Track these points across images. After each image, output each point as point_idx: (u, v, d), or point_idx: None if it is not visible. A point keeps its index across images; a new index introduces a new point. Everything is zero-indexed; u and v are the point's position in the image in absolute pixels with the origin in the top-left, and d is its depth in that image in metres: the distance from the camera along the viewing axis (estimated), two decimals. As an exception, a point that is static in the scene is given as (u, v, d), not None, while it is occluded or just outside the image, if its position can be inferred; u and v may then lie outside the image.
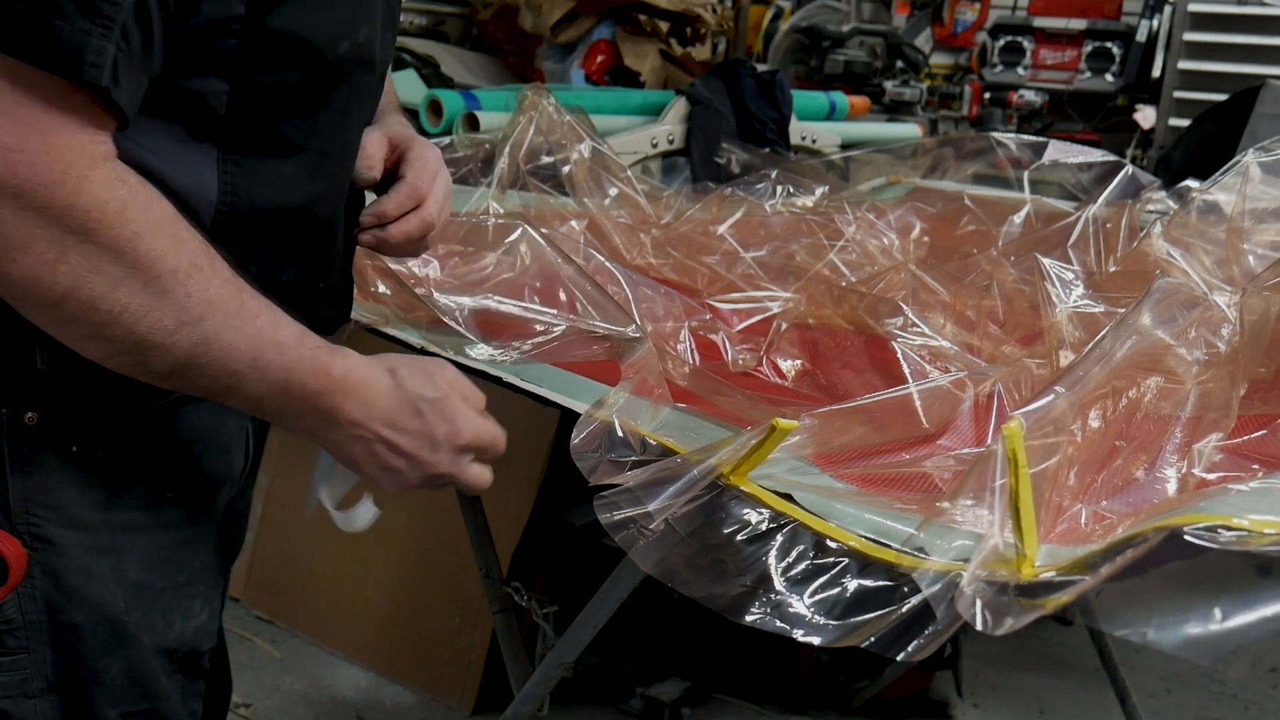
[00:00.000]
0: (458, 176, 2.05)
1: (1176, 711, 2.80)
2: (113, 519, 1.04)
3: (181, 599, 1.10)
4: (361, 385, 1.00)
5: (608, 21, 3.39)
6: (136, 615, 1.06)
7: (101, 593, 1.04)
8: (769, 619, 0.90)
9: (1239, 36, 5.12)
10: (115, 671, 1.06)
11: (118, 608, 1.05)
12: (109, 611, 1.05)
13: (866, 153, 2.64)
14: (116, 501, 1.04)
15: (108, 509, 1.04)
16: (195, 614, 1.12)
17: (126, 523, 1.05)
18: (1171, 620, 0.80)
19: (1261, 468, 1.11)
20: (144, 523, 1.07)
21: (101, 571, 1.04)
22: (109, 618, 1.05)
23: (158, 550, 1.08)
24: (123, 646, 1.06)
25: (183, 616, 1.10)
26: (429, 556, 2.69)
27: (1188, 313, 1.18)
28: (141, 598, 1.07)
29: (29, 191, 0.85)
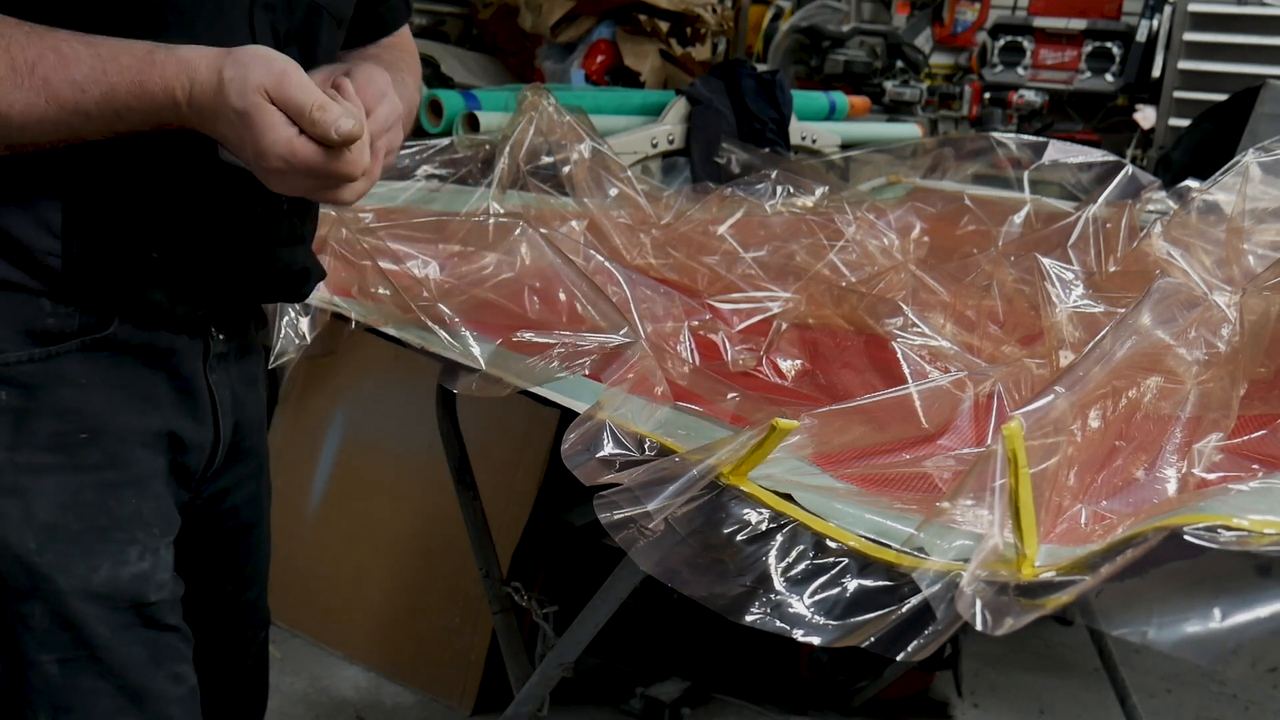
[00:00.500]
0: (458, 177, 2.05)
1: (1176, 711, 2.80)
2: (18, 459, 1.04)
3: (108, 543, 1.08)
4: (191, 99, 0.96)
5: (608, 21, 3.39)
6: (49, 557, 1.05)
7: (9, 535, 1.03)
8: (769, 619, 0.90)
9: (1239, 36, 5.12)
10: (39, 615, 1.05)
11: (28, 548, 1.04)
12: (19, 553, 1.04)
13: (866, 153, 2.64)
14: (21, 442, 1.03)
15: (12, 449, 1.03)
16: (130, 561, 1.09)
17: (34, 464, 1.04)
18: (1171, 620, 0.80)
19: (1261, 468, 1.11)
20: (54, 463, 1.05)
21: (9, 513, 1.03)
22: (20, 559, 1.04)
23: (71, 492, 1.06)
24: (40, 589, 1.05)
25: (112, 562, 1.08)
26: (429, 556, 2.69)
27: (1188, 313, 1.18)
28: (54, 539, 1.05)
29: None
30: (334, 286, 1.49)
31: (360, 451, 2.84)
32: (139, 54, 0.95)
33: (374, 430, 2.83)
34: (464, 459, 1.89)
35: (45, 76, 0.93)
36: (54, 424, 1.05)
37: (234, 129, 0.97)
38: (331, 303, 1.47)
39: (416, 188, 1.99)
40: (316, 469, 2.88)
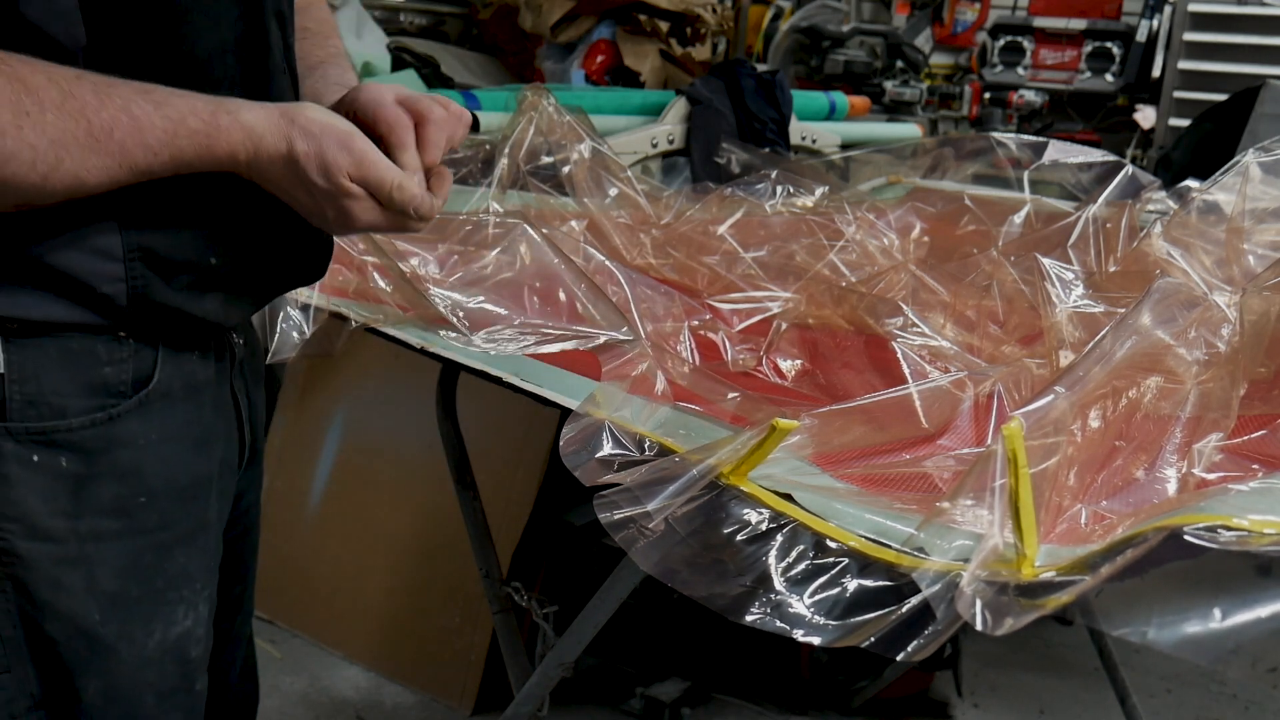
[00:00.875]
0: (458, 177, 2.05)
1: (1176, 711, 2.80)
2: (81, 528, 1.00)
3: (162, 606, 1.06)
4: (253, 163, 0.98)
5: (608, 21, 3.39)
6: (113, 627, 1.02)
7: (74, 606, 1.00)
8: (769, 619, 0.90)
9: (1239, 36, 5.12)
10: (93, 690, 1.02)
11: (92, 620, 1.01)
12: (83, 625, 1.01)
13: (866, 153, 2.64)
14: (84, 509, 1.00)
15: (75, 518, 1.00)
16: (178, 620, 1.07)
17: (97, 531, 1.01)
18: (1171, 620, 0.80)
19: (1261, 468, 1.11)
20: (116, 529, 1.02)
21: (73, 584, 1.00)
22: (84, 631, 1.01)
23: (132, 557, 1.03)
24: (100, 660, 1.02)
25: (164, 624, 1.06)
26: (429, 556, 2.69)
27: (1188, 313, 1.18)
28: (117, 608, 1.02)
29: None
30: (332, 288, 1.49)
31: (360, 451, 2.84)
32: (205, 117, 0.95)
33: (374, 430, 2.83)
34: (464, 459, 1.89)
35: (122, 142, 0.91)
36: (115, 488, 1.02)
37: (311, 197, 1.00)
38: (330, 303, 1.47)
39: (416, 188, 1.98)
40: (316, 469, 2.88)
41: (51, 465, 0.98)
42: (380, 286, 1.48)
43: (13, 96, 0.86)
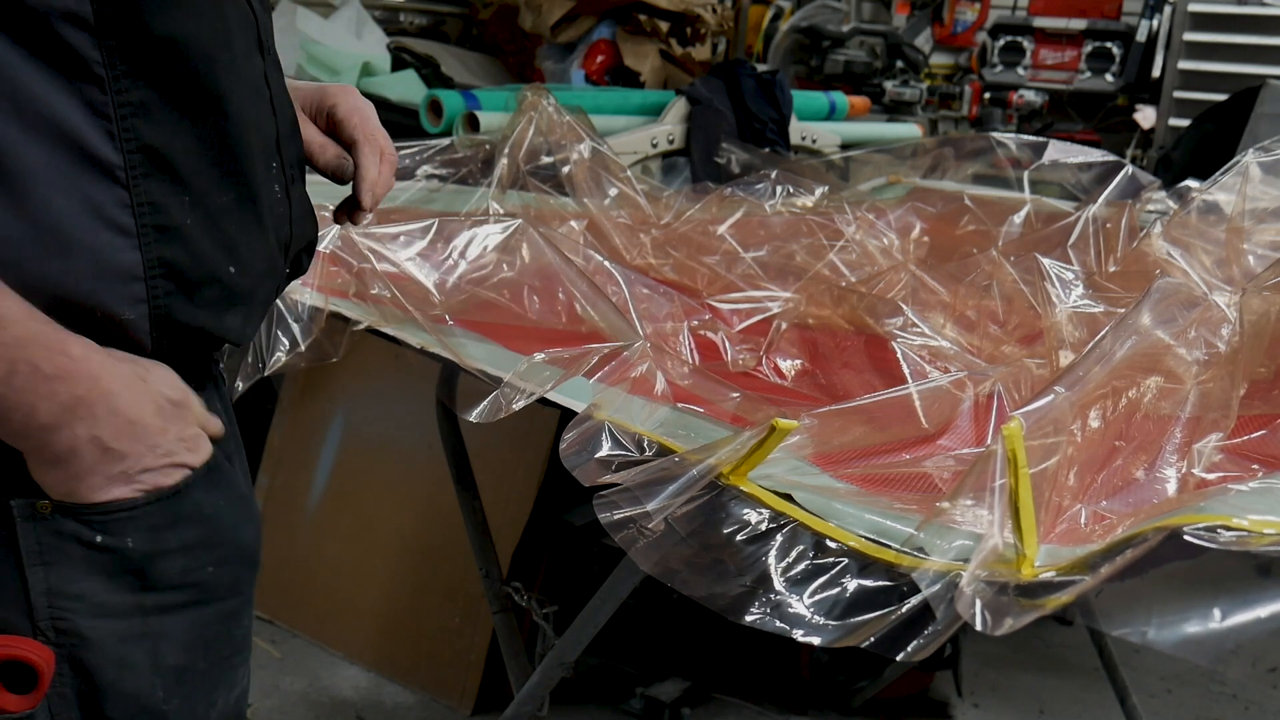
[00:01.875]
0: (458, 177, 2.05)
1: (1176, 711, 2.80)
2: (147, 602, 0.94)
3: (226, 672, 1.01)
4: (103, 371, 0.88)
5: (608, 21, 3.39)
6: (176, 703, 0.97)
7: (138, 684, 0.95)
8: (769, 619, 0.90)
9: (1239, 36, 5.12)
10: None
11: (155, 698, 0.95)
12: (146, 704, 0.95)
13: (866, 153, 2.64)
14: (151, 584, 0.94)
15: (141, 593, 0.94)
16: (238, 683, 1.03)
17: (163, 604, 0.95)
18: (1171, 620, 0.80)
19: (1261, 468, 1.11)
20: (183, 601, 0.96)
21: (137, 661, 0.94)
22: (146, 710, 0.95)
23: (199, 629, 0.98)
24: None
25: (225, 691, 1.02)
26: (429, 556, 2.69)
27: (1188, 313, 1.18)
28: (181, 683, 0.97)
29: None
30: (331, 289, 1.49)
31: (360, 451, 2.84)
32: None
33: (374, 430, 2.83)
34: (464, 459, 1.89)
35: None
36: (182, 560, 0.96)
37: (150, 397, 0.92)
38: (329, 303, 1.47)
39: (416, 188, 1.99)
40: (316, 469, 2.88)
41: (117, 546, 0.92)
42: (378, 293, 1.48)
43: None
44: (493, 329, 1.49)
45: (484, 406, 1.24)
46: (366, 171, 1.14)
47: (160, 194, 0.90)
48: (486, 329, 1.49)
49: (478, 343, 1.42)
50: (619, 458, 1.06)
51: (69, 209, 0.87)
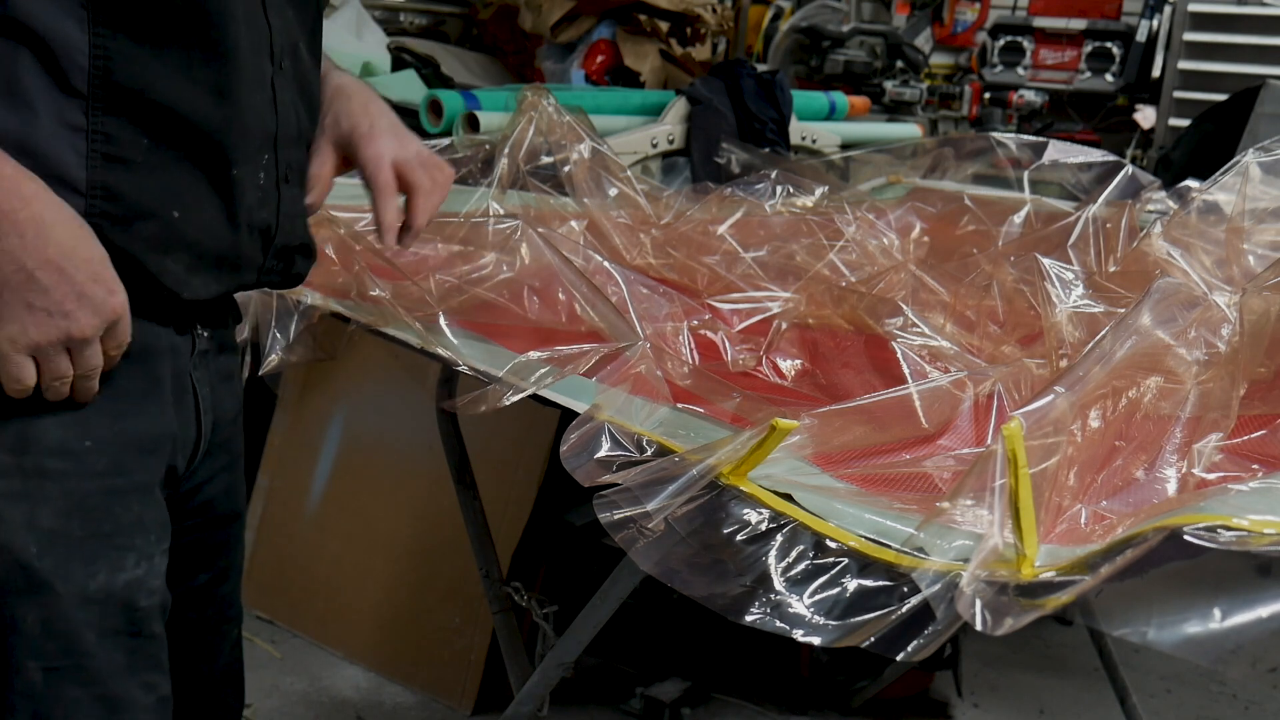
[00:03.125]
0: (458, 177, 2.05)
1: (1176, 711, 2.80)
2: (26, 464, 1.03)
3: (108, 550, 1.08)
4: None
5: (608, 21, 3.39)
6: (49, 562, 1.05)
7: (12, 538, 1.03)
8: (769, 619, 0.90)
9: (1239, 36, 5.12)
10: (31, 620, 1.05)
11: (30, 553, 1.04)
12: (21, 557, 1.04)
13: (866, 153, 2.64)
14: (30, 447, 1.03)
15: (20, 454, 1.03)
16: (127, 567, 1.09)
17: (41, 468, 1.04)
18: (1171, 620, 0.80)
19: (1261, 468, 1.11)
20: (61, 469, 1.05)
21: (13, 517, 1.03)
22: (20, 564, 1.04)
23: (76, 498, 1.06)
24: (36, 594, 1.05)
25: (109, 568, 1.08)
26: (429, 556, 2.69)
27: (1188, 313, 1.18)
28: (55, 545, 1.05)
29: None
30: (329, 289, 1.49)
31: (360, 451, 2.84)
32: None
33: (374, 430, 2.83)
34: (464, 459, 1.89)
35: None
36: (62, 431, 1.05)
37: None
38: (328, 303, 1.47)
39: (416, 188, 1.98)
40: (316, 469, 2.88)
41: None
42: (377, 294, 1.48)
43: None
44: (492, 329, 1.49)
45: (472, 397, 1.25)
46: (381, 216, 1.30)
47: (116, 128, 1.01)
48: (486, 329, 1.49)
49: (476, 342, 1.42)
50: (619, 458, 1.06)
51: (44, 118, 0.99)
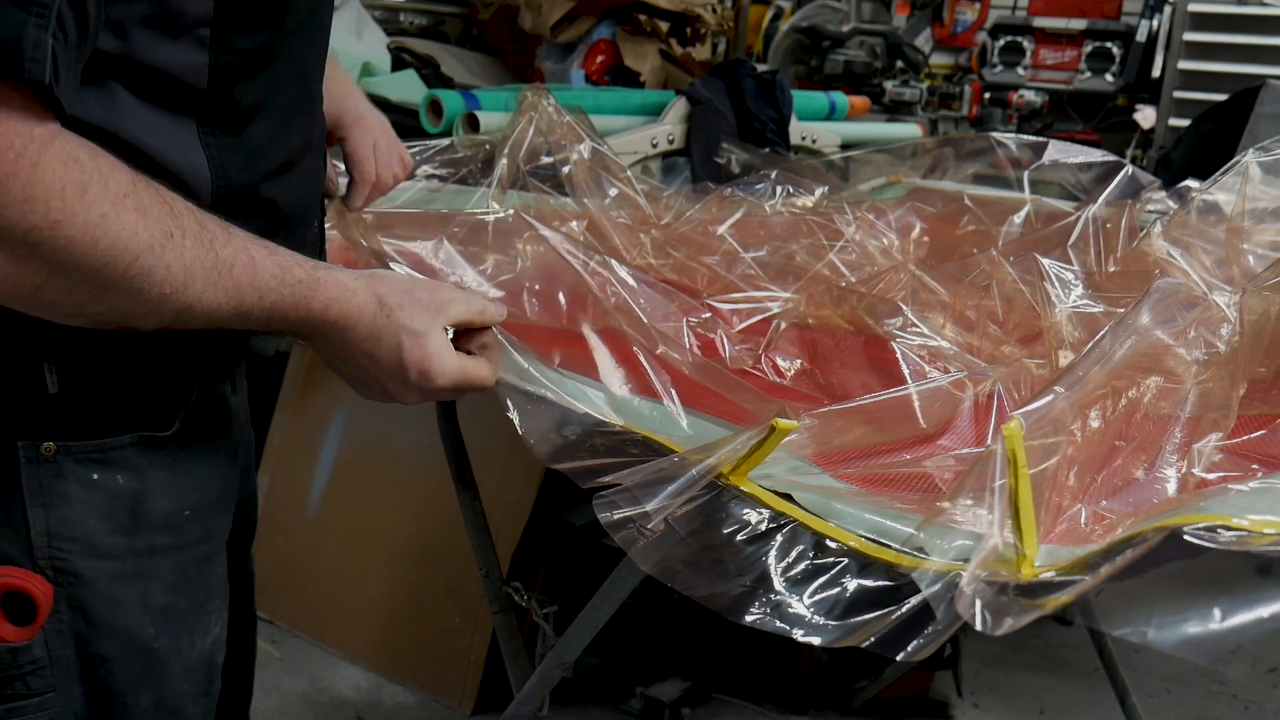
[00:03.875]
0: (458, 177, 2.05)
1: (1176, 711, 2.80)
2: (138, 544, 1.02)
3: (203, 616, 1.08)
4: (343, 316, 1.00)
5: (608, 21, 3.39)
6: (165, 640, 1.04)
7: (130, 621, 1.01)
8: (769, 619, 0.90)
9: (1239, 36, 5.12)
10: (146, 702, 1.03)
11: (147, 635, 1.03)
12: (139, 640, 1.02)
13: (866, 153, 2.64)
14: (141, 526, 1.02)
15: (133, 534, 1.01)
16: (212, 628, 1.10)
17: (151, 546, 1.02)
18: (1171, 620, 0.80)
19: (1261, 468, 1.11)
20: (168, 544, 1.04)
21: (129, 599, 1.01)
22: (139, 646, 1.02)
23: (181, 571, 1.05)
24: (153, 674, 1.03)
25: (204, 634, 1.08)
26: (429, 556, 2.69)
27: (1188, 313, 1.18)
28: (168, 621, 1.04)
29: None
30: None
31: (360, 451, 2.84)
32: (308, 269, 0.99)
33: (374, 430, 2.83)
34: (464, 459, 1.89)
35: (238, 280, 0.93)
36: (167, 503, 1.04)
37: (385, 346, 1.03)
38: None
39: (416, 188, 1.99)
40: (316, 469, 2.88)
41: (109, 484, 1.00)
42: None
43: (162, 218, 0.87)
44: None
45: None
46: (351, 203, 1.43)
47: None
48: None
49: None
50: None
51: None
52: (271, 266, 0.95)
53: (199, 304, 0.91)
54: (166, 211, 0.88)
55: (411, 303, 1.04)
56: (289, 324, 0.98)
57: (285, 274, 0.96)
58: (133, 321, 0.90)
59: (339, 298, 1.00)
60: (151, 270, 0.86)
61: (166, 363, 1.02)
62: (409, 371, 1.03)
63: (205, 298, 0.91)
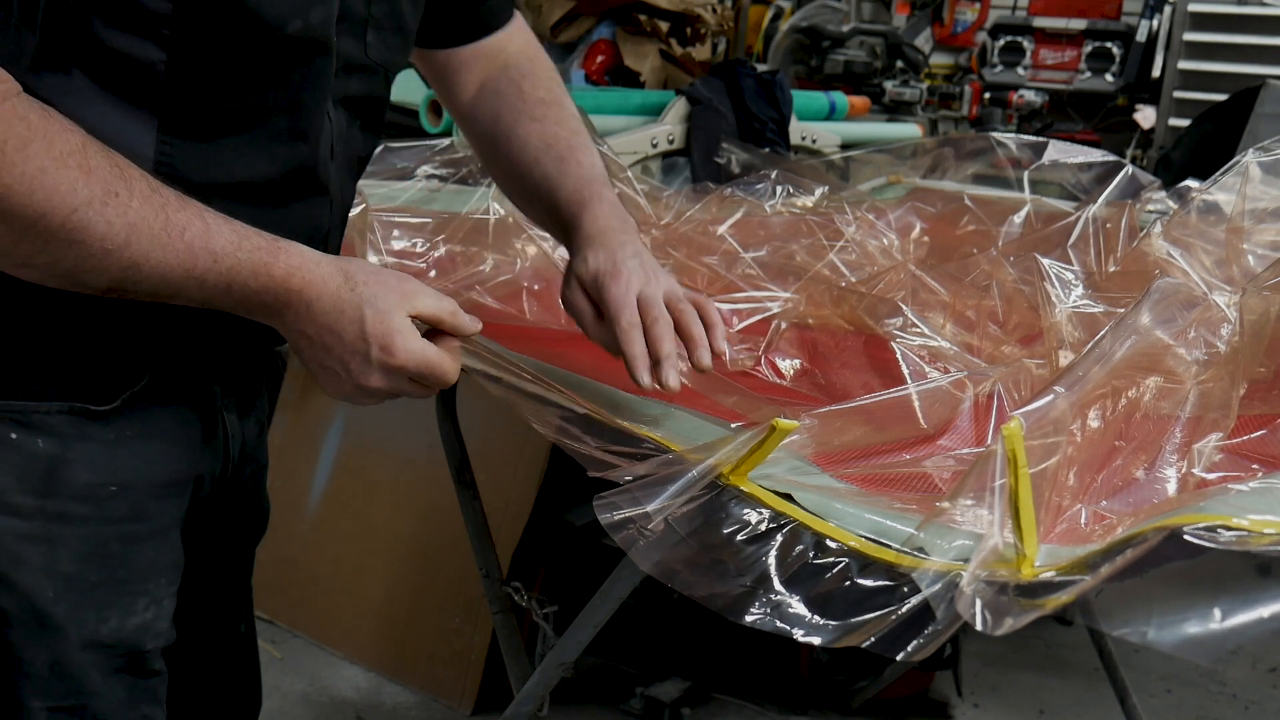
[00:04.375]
0: (458, 177, 2.05)
1: (1176, 711, 2.79)
2: (49, 507, 1.03)
3: (121, 595, 1.08)
4: (306, 284, 1.00)
5: (608, 21, 3.38)
6: (64, 607, 1.05)
7: (30, 581, 1.03)
8: (769, 619, 0.90)
9: (1239, 36, 5.12)
10: (40, 663, 1.05)
11: (45, 598, 1.04)
12: (36, 601, 1.04)
13: (866, 153, 2.64)
14: (55, 491, 1.03)
15: (44, 497, 1.03)
16: (137, 611, 1.10)
17: (64, 513, 1.04)
18: (1171, 620, 0.80)
19: (1261, 468, 1.11)
20: (83, 514, 1.05)
21: (32, 560, 1.03)
22: (35, 607, 1.04)
23: (96, 544, 1.06)
24: (48, 638, 1.05)
25: (121, 613, 1.08)
26: (429, 556, 2.69)
27: (1187, 313, 1.18)
28: (72, 590, 1.05)
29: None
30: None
31: (360, 451, 2.84)
32: (268, 239, 0.99)
33: (374, 430, 2.83)
34: (464, 459, 1.89)
35: (190, 243, 0.94)
36: (88, 476, 1.05)
37: (348, 318, 1.01)
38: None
39: (416, 188, 1.99)
40: (316, 469, 2.88)
41: (27, 445, 1.02)
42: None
43: (107, 178, 0.91)
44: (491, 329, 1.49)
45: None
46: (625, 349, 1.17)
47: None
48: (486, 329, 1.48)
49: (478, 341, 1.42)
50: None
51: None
52: (228, 233, 0.96)
53: (145, 263, 0.93)
54: (116, 174, 0.92)
55: (378, 283, 1.03)
56: (249, 293, 0.98)
57: (243, 240, 0.97)
58: (81, 276, 0.93)
59: (302, 266, 1.00)
60: (90, 224, 0.90)
61: (110, 341, 1.03)
62: (371, 345, 1.02)
63: (152, 257, 0.93)
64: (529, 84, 1.35)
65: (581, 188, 1.27)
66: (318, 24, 1.02)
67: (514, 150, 1.33)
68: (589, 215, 1.25)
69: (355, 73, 1.13)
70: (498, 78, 1.36)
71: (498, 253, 1.68)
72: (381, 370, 1.03)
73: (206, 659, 1.30)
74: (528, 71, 1.36)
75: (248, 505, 1.30)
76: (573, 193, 1.27)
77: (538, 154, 1.31)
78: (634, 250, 1.23)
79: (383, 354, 1.02)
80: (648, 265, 1.22)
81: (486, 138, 1.37)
